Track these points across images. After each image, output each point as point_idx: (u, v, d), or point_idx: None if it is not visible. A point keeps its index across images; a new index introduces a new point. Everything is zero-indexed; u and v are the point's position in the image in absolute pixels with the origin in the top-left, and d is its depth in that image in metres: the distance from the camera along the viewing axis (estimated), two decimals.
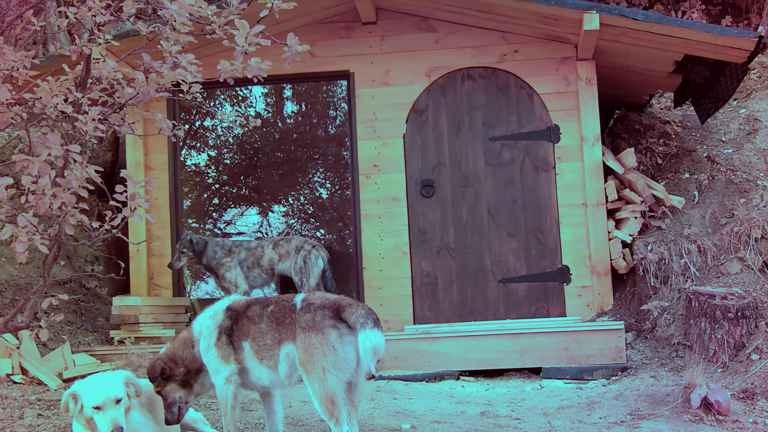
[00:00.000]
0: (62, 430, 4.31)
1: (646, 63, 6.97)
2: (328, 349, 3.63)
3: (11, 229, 3.67)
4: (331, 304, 3.75)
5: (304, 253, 6.66)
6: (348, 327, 3.69)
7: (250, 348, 3.92)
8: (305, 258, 6.63)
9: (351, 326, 3.68)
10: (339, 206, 8.54)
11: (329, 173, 8.72)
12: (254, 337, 3.91)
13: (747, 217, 6.36)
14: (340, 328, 3.67)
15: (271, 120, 8.86)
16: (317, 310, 3.73)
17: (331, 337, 3.64)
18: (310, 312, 3.74)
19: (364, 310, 3.68)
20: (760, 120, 7.73)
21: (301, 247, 6.69)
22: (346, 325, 3.69)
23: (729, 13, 10.16)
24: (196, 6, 3.81)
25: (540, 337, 6.26)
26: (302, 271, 6.60)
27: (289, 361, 3.83)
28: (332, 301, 3.78)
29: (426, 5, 6.98)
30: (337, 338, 3.64)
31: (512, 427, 4.66)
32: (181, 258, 6.47)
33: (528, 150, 7.01)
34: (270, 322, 3.88)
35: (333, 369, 3.62)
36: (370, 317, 3.64)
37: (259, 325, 3.91)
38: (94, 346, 6.42)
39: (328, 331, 3.65)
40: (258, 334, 3.90)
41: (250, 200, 8.92)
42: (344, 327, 3.69)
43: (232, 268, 6.51)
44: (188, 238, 6.46)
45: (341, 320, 3.69)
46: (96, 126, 3.83)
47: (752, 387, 5.07)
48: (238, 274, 6.51)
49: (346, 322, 3.69)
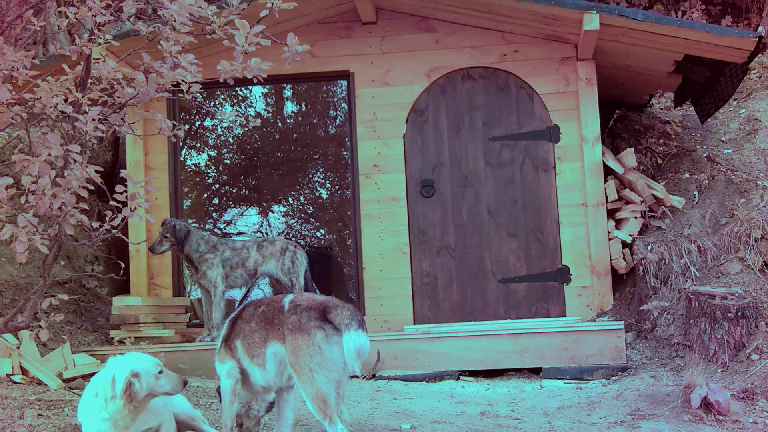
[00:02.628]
0: (62, 430, 4.31)
1: (646, 63, 6.97)
2: (314, 350, 3.67)
3: (11, 229, 3.67)
4: (318, 306, 3.78)
5: (290, 253, 6.64)
6: (334, 328, 3.73)
7: (242, 346, 4.02)
8: (292, 258, 6.62)
9: (337, 327, 3.71)
10: (339, 206, 8.54)
11: (329, 173, 8.73)
12: (245, 335, 4.01)
13: (747, 217, 6.37)
14: (326, 329, 3.71)
15: (271, 120, 8.86)
16: (303, 311, 3.78)
17: (317, 338, 3.68)
18: (297, 313, 3.79)
19: (349, 312, 3.71)
20: (760, 120, 7.73)
21: (286, 248, 6.67)
22: (332, 326, 3.73)
23: (729, 13, 10.16)
24: (196, 6, 3.80)
25: (540, 337, 6.26)
26: (291, 272, 6.59)
27: (277, 360, 3.90)
28: (319, 303, 3.81)
29: (426, 5, 6.99)
30: (322, 339, 3.68)
31: (512, 427, 4.66)
32: (164, 243, 6.36)
33: (528, 150, 7.01)
34: (259, 321, 3.96)
35: (320, 369, 3.66)
36: (354, 318, 3.67)
37: (249, 324, 4.01)
38: (94, 346, 6.42)
39: (314, 332, 3.69)
40: (248, 333, 3.99)
41: (250, 200, 8.93)
42: (330, 328, 3.72)
43: (214, 267, 6.45)
44: (172, 224, 6.39)
45: (327, 321, 3.73)
46: (96, 126, 3.82)
47: (752, 387, 5.07)
48: (219, 273, 6.45)
49: (333, 323, 3.72)
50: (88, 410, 3.69)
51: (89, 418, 3.66)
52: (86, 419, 3.68)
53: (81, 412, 3.74)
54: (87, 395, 3.74)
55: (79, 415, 3.75)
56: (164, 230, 6.38)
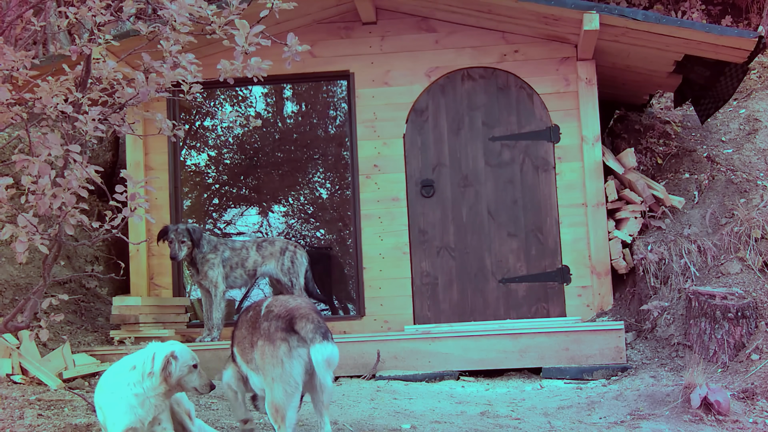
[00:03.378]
0: (62, 430, 4.31)
1: (646, 63, 6.97)
2: (276, 362, 3.73)
3: (11, 229, 3.67)
4: (286, 314, 3.81)
5: (290, 254, 6.63)
6: (301, 339, 3.76)
7: (237, 352, 4.15)
8: (292, 259, 6.61)
9: (303, 338, 3.75)
10: (339, 206, 8.54)
11: (329, 173, 8.72)
12: (239, 342, 4.13)
13: (747, 217, 6.37)
14: (290, 341, 3.74)
15: (271, 120, 8.87)
16: (273, 319, 3.82)
17: (280, 351, 3.74)
18: (268, 320, 3.84)
19: (312, 324, 3.73)
20: (760, 120, 7.73)
21: (285, 249, 6.66)
22: (298, 336, 3.76)
23: (729, 13, 10.16)
24: (196, 6, 3.80)
25: (540, 337, 6.26)
26: (291, 272, 6.58)
27: None
28: (287, 311, 3.83)
29: (426, 5, 6.99)
30: (285, 353, 3.73)
31: (512, 427, 4.66)
32: (182, 248, 6.31)
33: (528, 150, 7.01)
34: (248, 327, 4.03)
35: (279, 381, 3.73)
36: (318, 331, 3.70)
37: (241, 330, 4.11)
38: (94, 346, 6.42)
39: (278, 344, 3.74)
40: (240, 339, 4.10)
41: (250, 200, 8.92)
42: (295, 339, 3.76)
43: (215, 266, 6.43)
44: (184, 227, 6.34)
45: (294, 332, 3.76)
46: (96, 126, 3.82)
47: (752, 387, 5.07)
48: (220, 273, 6.44)
49: (299, 334, 3.76)
50: (117, 383, 3.72)
51: (118, 392, 3.69)
52: (112, 394, 3.71)
53: (105, 387, 3.76)
54: (119, 368, 3.78)
55: (101, 391, 3.77)
56: (178, 236, 6.24)
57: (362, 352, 6.27)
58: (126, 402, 3.66)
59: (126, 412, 3.66)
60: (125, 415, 3.65)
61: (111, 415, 3.69)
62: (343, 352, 5.93)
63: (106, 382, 3.78)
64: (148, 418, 3.69)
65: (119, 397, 3.68)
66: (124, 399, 3.67)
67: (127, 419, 3.65)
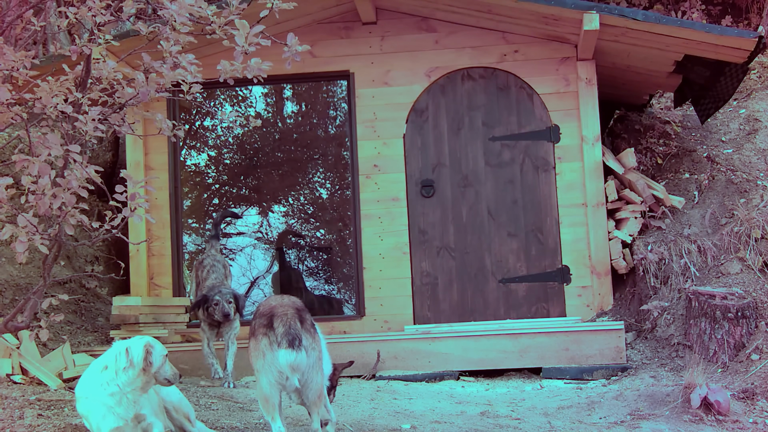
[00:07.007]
0: (62, 430, 4.31)
1: (646, 63, 6.97)
2: (258, 353, 3.86)
3: (11, 229, 3.67)
4: (268, 312, 3.95)
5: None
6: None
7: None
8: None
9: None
10: (339, 206, 8.54)
11: (329, 173, 8.72)
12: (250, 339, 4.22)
13: (747, 217, 6.37)
14: (270, 336, 3.86)
15: (271, 120, 8.86)
16: (258, 317, 3.99)
17: (262, 343, 3.86)
18: (255, 318, 4.01)
19: (283, 329, 3.83)
20: (760, 120, 7.73)
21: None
22: (275, 332, 3.87)
23: (729, 13, 10.15)
24: (196, 6, 3.80)
25: (540, 337, 6.26)
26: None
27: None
28: (269, 309, 3.96)
29: (426, 5, 6.99)
30: (266, 345, 3.85)
31: (512, 427, 4.66)
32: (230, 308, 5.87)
33: (528, 150, 7.01)
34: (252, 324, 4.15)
35: (263, 371, 3.84)
36: (285, 338, 3.80)
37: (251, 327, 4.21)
38: (94, 346, 6.42)
39: (260, 338, 3.88)
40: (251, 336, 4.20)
41: (250, 200, 8.92)
42: (274, 334, 3.86)
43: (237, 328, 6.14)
44: (233, 293, 5.96)
45: (272, 328, 3.88)
46: (96, 126, 3.82)
47: (752, 387, 5.08)
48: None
49: (275, 331, 3.87)
50: (91, 387, 3.71)
51: (92, 395, 3.68)
52: (87, 399, 3.70)
53: (81, 395, 3.75)
54: (90, 372, 3.77)
55: (78, 400, 3.76)
56: (224, 297, 5.85)
57: (362, 352, 6.27)
58: (103, 404, 3.64)
59: (105, 415, 3.64)
60: (105, 418, 3.63)
61: (94, 422, 3.67)
62: (342, 352, 5.97)
63: (82, 389, 3.75)
64: (128, 415, 3.66)
65: (95, 401, 3.66)
66: (99, 401, 3.65)
67: (109, 422, 3.63)
